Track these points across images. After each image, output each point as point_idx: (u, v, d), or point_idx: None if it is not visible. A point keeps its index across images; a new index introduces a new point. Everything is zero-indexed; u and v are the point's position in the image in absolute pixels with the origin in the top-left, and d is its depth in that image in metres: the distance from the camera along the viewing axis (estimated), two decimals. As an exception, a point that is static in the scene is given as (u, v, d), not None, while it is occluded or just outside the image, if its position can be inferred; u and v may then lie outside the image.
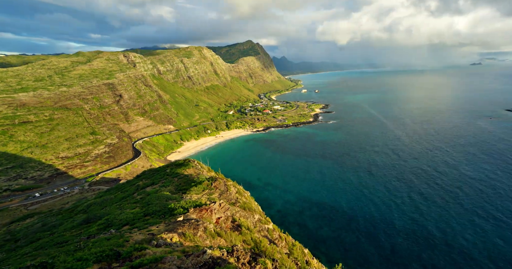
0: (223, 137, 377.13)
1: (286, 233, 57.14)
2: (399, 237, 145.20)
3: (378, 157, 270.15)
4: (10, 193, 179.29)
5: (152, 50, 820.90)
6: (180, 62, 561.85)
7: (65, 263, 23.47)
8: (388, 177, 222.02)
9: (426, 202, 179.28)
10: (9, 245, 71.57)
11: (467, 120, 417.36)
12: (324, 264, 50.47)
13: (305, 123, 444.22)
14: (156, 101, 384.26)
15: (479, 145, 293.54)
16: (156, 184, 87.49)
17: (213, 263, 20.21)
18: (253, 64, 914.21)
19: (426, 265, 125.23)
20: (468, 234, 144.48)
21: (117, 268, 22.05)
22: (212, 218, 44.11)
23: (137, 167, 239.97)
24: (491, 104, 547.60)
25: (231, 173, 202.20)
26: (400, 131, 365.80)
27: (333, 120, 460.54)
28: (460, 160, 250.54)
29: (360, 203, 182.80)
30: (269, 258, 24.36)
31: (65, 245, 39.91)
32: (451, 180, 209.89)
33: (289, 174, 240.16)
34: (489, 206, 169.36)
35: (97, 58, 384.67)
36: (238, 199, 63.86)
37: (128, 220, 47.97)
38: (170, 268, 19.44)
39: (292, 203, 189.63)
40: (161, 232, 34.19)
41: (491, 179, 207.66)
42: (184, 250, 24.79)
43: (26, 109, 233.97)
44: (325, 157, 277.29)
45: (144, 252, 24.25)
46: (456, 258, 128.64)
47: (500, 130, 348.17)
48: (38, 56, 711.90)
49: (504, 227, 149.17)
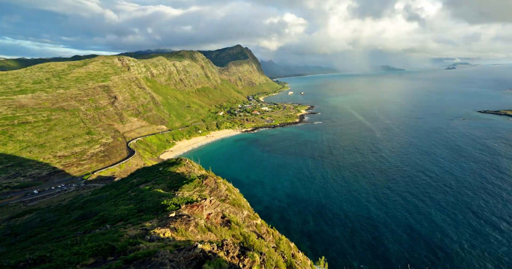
0: (214, 136, 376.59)
1: (273, 228, 58.44)
2: (377, 231, 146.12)
3: (360, 155, 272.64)
4: (10, 190, 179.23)
5: (145, 54, 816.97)
6: (172, 65, 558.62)
7: (62, 256, 23.71)
8: (371, 175, 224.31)
9: (392, 193, 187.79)
10: (9, 240, 70.74)
11: (443, 121, 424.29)
12: (309, 257, 51.83)
13: (291, 124, 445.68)
14: (150, 102, 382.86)
15: (446, 139, 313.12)
16: (150, 182, 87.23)
17: (204, 256, 20.74)
18: (242, 68, 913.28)
19: (402, 256, 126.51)
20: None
21: (112, 261, 21.80)
22: (203, 214, 43.87)
23: (131, 165, 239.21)
24: (465, 106, 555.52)
25: (221, 171, 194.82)
26: (379, 131, 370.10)
27: (318, 121, 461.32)
28: (434, 155, 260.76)
29: (342, 199, 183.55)
30: (257, 251, 24.80)
31: (62, 240, 39.76)
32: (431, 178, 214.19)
33: (276, 172, 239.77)
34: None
35: (93, 61, 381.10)
36: (228, 196, 64.87)
37: (122, 216, 47.77)
38: (163, 262, 19.58)
39: (279, 199, 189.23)
40: (154, 227, 34.12)
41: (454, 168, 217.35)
42: (176, 244, 24.95)
43: (25, 110, 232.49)
44: (310, 156, 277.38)
45: (138, 246, 24.48)
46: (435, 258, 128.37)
47: (470, 128, 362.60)
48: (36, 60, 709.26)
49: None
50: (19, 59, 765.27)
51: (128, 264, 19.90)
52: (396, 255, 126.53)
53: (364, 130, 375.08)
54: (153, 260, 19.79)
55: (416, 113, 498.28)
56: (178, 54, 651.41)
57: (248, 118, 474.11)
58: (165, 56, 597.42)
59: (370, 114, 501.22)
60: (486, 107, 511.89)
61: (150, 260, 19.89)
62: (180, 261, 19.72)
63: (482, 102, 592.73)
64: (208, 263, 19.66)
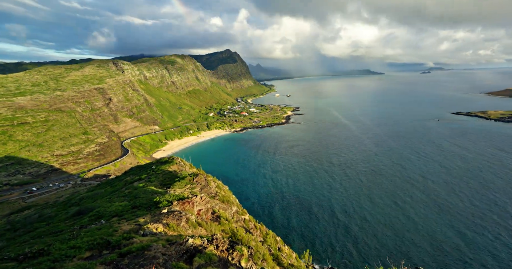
0: (204, 136, 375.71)
1: (260, 223, 58.71)
2: (357, 224, 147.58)
3: (340, 154, 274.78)
4: (10, 187, 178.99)
5: (138, 57, 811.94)
6: (165, 69, 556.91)
7: (60, 250, 23.64)
8: (353, 171, 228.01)
9: (375, 189, 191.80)
10: (9, 234, 68.90)
11: (418, 121, 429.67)
12: (294, 251, 53.20)
13: (278, 124, 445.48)
14: (143, 104, 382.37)
15: (413, 134, 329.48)
16: (143, 180, 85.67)
17: (194, 250, 20.87)
18: (231, 71, 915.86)
19: (381, 245, 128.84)
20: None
21: (107, 255, 21.45)
22: (194, 210, 43.84)
23: (125, 164, 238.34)
24: (439, 108, 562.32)
25: (211, 169, 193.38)
26: (359, 131, 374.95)
27: (303, 121, 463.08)
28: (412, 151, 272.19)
29: (326, 195, 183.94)
30: (245, 245, 25.15)
31: (60, 234, 39.24)
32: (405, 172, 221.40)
33: (263, 170, 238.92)
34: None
35: (88, 65, 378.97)
36: (218, 193, 64.62)
37: (117, 212, 46.87)
38: (155, 255, 19.39)
39: (266, 195, 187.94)
40: (147, 222, 33.88)
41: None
42: (168, 239, 24.70)
43: (24, 112, 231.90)
44: (295, 154, 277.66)
45: (132, 240, 24.35)
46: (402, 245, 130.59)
47: (441, 128, 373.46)
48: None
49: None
50: (18, 63, 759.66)
51: (122, 258, 19.94)
52: (374, 249, 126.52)
53: (346, 131, 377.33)
54: (146, 254, 19.82)
55: (395, 115, 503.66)
56: (170, 58, 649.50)
57: (237, 119, 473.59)
58: (158, 60, 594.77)
59: (352, 116, 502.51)
60: (458, 109, 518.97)
61: (144, 254, 19.90)
62: (172, 255, 19.95)
63: (455, 104, 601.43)
64: (199, 256, 20.09)
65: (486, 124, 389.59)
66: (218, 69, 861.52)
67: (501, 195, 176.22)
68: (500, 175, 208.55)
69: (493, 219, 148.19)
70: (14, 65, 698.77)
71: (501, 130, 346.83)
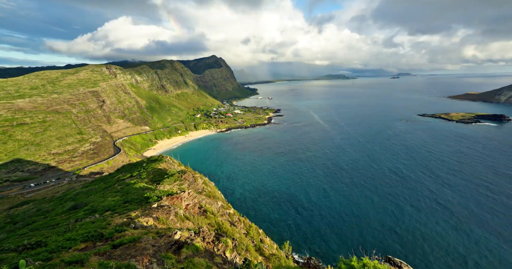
0: (192, 136, 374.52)
1: (244, 216, 58.50)
2: (332, 217, 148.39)
3: (318, 152, 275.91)
4: (10, 183, 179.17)
5: (130, 63, 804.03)
6: (155, 73, 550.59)
7: (56, 242, 23.56)
8: (330, 165, 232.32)
9: (348, 183, 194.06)
10: (9, 227, 69.22)
11: (387, 122, 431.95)
12: (275, 242, 53.91)
13: (260, 125, 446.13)
14: (134, 106, 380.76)
15: (383, 134, 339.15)
16: (134, 176, 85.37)
17: (182, 242, 20.71)
18: (217, 75, 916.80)
19: (357, 240, 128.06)
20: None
21: (101, 246, 21.42)
22: (182, 204, 43.40)
23: (118, 161, 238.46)
24: (408, 110, 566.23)
25: (198, 167, 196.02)
26: (334, 131, 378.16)
27: (284, 122, 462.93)
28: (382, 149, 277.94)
29: (304, 191, 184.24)
30: (230, 237, 25.25)
31: (56, 227, 39.30)
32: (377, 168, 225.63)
33: (247, 167, 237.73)
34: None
35: (83, 70, 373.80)
36: (204, 189, 64.72)
37: (110, 207, 46.89)
38: (146, 246, 19.40)
39: (250, 191, 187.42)
40: (138, 216, 33.66)
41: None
42: (158, 231, 24.75)
43: (23, 113, 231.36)
44: (276, 153, 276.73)
45: (124, 233, 24.31)
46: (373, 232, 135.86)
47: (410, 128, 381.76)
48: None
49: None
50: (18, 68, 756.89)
51: (115, 249, 19.92)
52: (352, 239, 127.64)
53: (321, 131, 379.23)
54: (138, 245, 19.82)
55: (366, 116, 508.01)
56: (159, 63, 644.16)
57: (222, 120, 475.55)
58: (148, 65, 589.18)
59: (327, 117, 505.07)
60: (424, 111, 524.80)
61: (135, 245, 19.89)
62: (161, 246, 19.85)
63: (421, 107, 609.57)
64: (186, 247, 19.97)
65: (448, 125, 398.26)
66: (204, 73, 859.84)
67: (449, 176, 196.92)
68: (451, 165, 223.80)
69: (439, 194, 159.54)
70: (14, 70, 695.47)
71: (458, 130, 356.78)
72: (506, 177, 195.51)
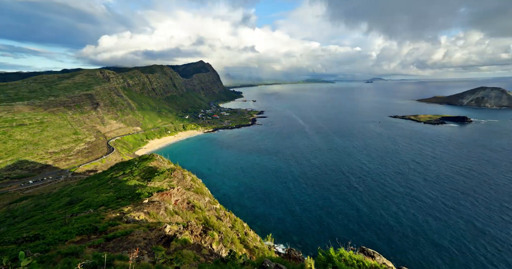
0: (181, 136, 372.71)
1: (230, 211, 59.10)
2: (312, 211, 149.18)
3: (296, 149, 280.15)
4: (10, 180, 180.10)
5: (122, 68, 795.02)
6: (146, 77, 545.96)
7: (53, 235, 23.29)
8: (308, 163, 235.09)
9: (326, 179, 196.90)
10: (9, 221, 68.85)
11: (361, 123, 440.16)
12: (258, 235, 55.13)
13: (245, 126, 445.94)
14: (126, 108, 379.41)
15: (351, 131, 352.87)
16: (126, 174, 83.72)
17: (172, 235, 20.64)
18: (204, 79, 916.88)
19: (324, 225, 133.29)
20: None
21: (95, 239, 21.23)
22: (172, 200, 43.03)
23: (111, 160, 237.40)
24: (380, 112, 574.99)
25: (187, 165, 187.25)
26: (312, 130, 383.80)
27: (267, 123, 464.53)
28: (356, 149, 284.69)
29: (286, 187, 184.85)
30: (216, 230, 24.79)
31: (53, 221, 38.87)
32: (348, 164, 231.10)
33: (232, 165, 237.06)
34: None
35: (78, 74, 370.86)
36: (192, 185, 64.16)
37: (103, 202, 46.27)
38: (137, 239, 19.41)
39: (235, 187, 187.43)
40: (130, 211, 33.35)
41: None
42: (149, 225, 24.45)
43: (22, 115, 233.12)
44: (260, 151, 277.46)
45: (117, 227, 24.15)
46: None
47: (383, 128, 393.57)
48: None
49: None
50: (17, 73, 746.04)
51: (108, 241, 19.88)
52: (328, 231, 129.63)
53: (301, 131, 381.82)
54: (130, 238, 19.70)
55: (342, 117, 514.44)
56: (150, 68, 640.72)
57: (209, 121, 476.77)
58: (140, 70, 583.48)
59: (307, 118, 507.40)
60: (395, 113, 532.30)
61: (127, 238, 19.78)
62: (152, 239, 19.66)
63: (392, 109, 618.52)
64: (176, 240, 19.80)
65: (416, 126, 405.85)
66: (193, 77, 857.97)
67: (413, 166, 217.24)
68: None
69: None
70: (14, 75, 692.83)
71: (423, 130, 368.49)
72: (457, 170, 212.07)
